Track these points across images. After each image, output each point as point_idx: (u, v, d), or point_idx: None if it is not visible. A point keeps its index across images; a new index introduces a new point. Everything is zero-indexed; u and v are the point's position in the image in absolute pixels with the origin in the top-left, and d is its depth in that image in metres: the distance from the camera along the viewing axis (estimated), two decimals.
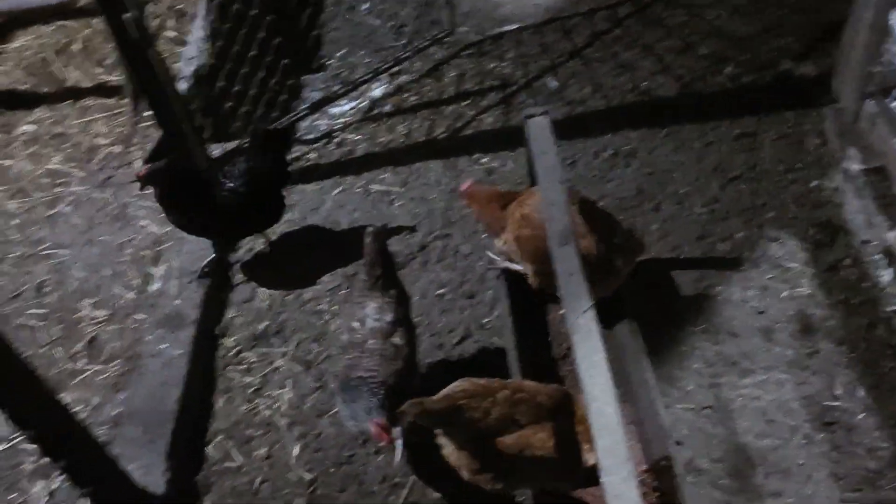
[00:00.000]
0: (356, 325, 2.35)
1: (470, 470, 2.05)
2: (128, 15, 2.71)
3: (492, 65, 4.01)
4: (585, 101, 3.71)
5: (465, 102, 3.82)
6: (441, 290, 2.99)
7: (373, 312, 2.36)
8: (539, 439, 1.96)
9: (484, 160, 3.50)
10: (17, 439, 2.65)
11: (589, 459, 1.94)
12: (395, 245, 3.16)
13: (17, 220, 3.56)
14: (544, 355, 2.62)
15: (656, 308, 2.77)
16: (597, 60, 3.92)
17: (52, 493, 2.52)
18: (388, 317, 2.35)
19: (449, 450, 2.08)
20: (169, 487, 2.44)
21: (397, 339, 2.33)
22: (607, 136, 3.51)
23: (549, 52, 4.02)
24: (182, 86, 3.42)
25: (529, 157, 2.50)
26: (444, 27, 4.15)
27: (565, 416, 2.01)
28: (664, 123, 3.52)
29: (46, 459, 2.58)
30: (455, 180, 3.42)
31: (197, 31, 3.78)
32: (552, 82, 3.83)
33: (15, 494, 2.54)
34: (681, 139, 3.45)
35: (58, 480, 2.55)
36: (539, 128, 2.43)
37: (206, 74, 3.66)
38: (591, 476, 2.00)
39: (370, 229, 2.46)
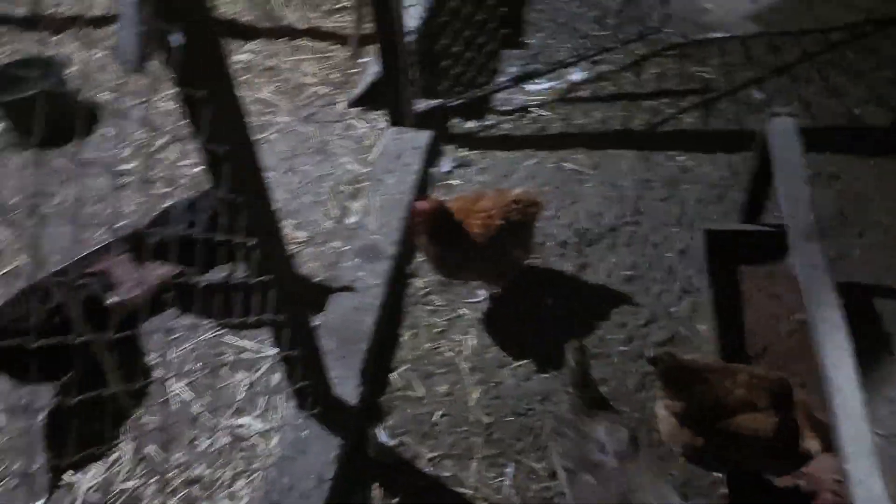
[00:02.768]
0: (598, 455, 2.09)
1: (689, 446, 2.09)
2: None
3: (694, 68, 4.01)
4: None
5: (664, 100, 3.84)
6: (628, 273, 3.03)
7: (605, 434, 2.14)
8: (769, 423, 1.99)
9: (680, 158, 3.51)
10: (221, 331, 2.87)
11: (810, 446, 1.95)
12: (584, 222, 3.23)
13: None
14: (740, 351, 2.62)
15: (853, 331, 2.71)
16: (805, 80, 3.86)
17: (253, 384, 2.71)
18: (623, 434, 2.12)
19: (668, 424, 2.13)
20: (360, 402, 2.59)
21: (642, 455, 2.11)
22: (810, 155, 3.42)
23: (754, 65, 3.99)
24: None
25: (764, 155, 2.51)
26: (651, 25, 4.18)
27: (788, 403, 2.03)
28: (871, 151, 3.44)
29: (249, 354, 2.81)
30: (648, 172, 3.45)
31: None
32: (757, 94, 3.80)
33: (216, 379, 2.75)
34: (887, 169, 3.36)
35: (257, 374, 2.75)
36: (783, 126, 2.43)
37: (426, 31, 3.81)
38: (800, 462, 2.02)
39: (572, 345, 2.31)
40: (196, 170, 3.56)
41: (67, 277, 2.74)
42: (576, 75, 4.06)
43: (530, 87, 4.03)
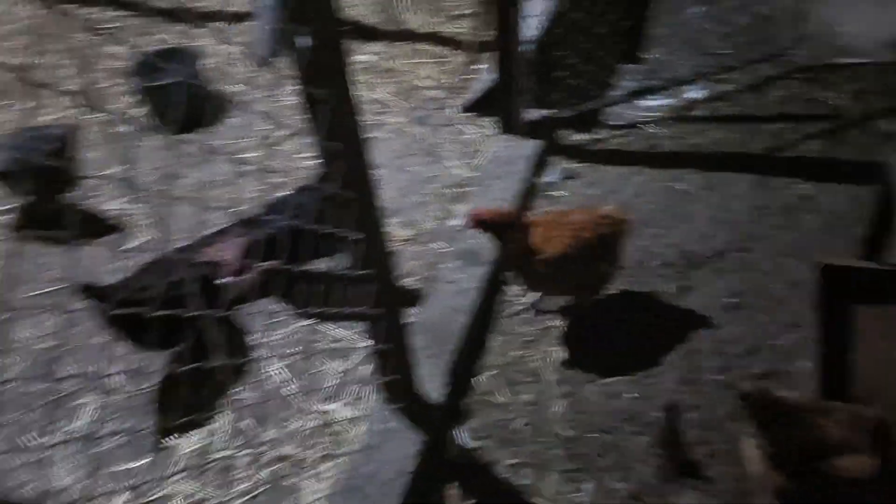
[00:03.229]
0: None
1: (781, 489, 2.01)
2: None
3: (823, 93, 3.84)
4: None
5: (788, 124, 3.69)
6: (732, 299, 2.94)
7: None
8: (869, 463, 1.89)
9: (801, 186, 3.37)
10: (320, 319, 2.99)
11: None
12: (691, 245, 3.15)
13: None
14: (844, 393, 2.49)
15: None
16: None
17: (345, 372, 2.81)
18: None
19: (757, 465, 2.06)
20: (445, 401, 2.64)
21: None
22: None
23: (889, 94, 3.77)
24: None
25: (890, 189, 2.38)
26: (782, 45, 4.02)
27: (888, 443, 1.93)
28: None
29: (344, 343, 2.92)
30: (765, 198, 3.33)
31: (541, 2, 3.96)
32: (890, 125, 3.59)
33: (311, 365, 2.87)
34: None
35: (349, 364, 2.85)
36: None
37: (542, 41, 3.82)
38: None
39: (667, 408, 2.26)
40: (310, 163, 3.72)
41: (187, 255, 2.93)
42: (694, 93, 3.97)
43: (646, 102, 3.97)
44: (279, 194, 2.98)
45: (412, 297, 3.03)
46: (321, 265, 2.94)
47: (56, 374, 2.88)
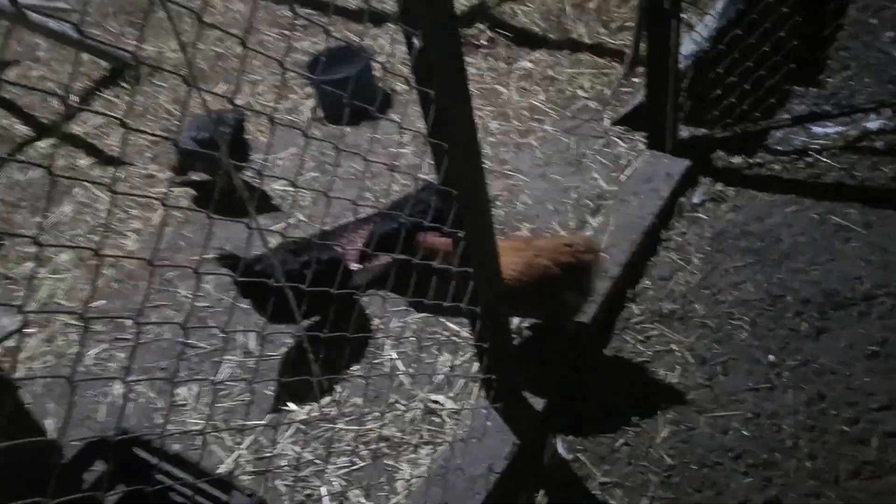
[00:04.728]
0: None
1: None
2: None
3: None
4: None
5: None
6: (874, 348, 2.70)
7: None
8: None
9: None
10: (434, 314, 3.09)
11: None
12: (836, 284, 2.92)
13: (493, 139, 4.06)
14: None
15: None
16: None
17: (452, 367, 2.91)
18: None
19: None
20: (545, 408, 2.65)
21: None
22: None
23: None
24: (680, 64, 3.50)
25: None
26: None
27: None
28: None
29: (458, 339, 3.01)
30: None
31: (711, 18, 3.82)
32: None
33: (425, 355, 2.99)
34: None
35: (461, 358, 2.94)
36: None
37: (704, 59, 3.69)
38: None
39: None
40: None
41: (325, 240, 3.16)
42: (873, 123, 3.65)
43: (816, 129, 3.71)
44: (408, 191, 3.12)
45: None
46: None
47: (205, 332, 3.21)
